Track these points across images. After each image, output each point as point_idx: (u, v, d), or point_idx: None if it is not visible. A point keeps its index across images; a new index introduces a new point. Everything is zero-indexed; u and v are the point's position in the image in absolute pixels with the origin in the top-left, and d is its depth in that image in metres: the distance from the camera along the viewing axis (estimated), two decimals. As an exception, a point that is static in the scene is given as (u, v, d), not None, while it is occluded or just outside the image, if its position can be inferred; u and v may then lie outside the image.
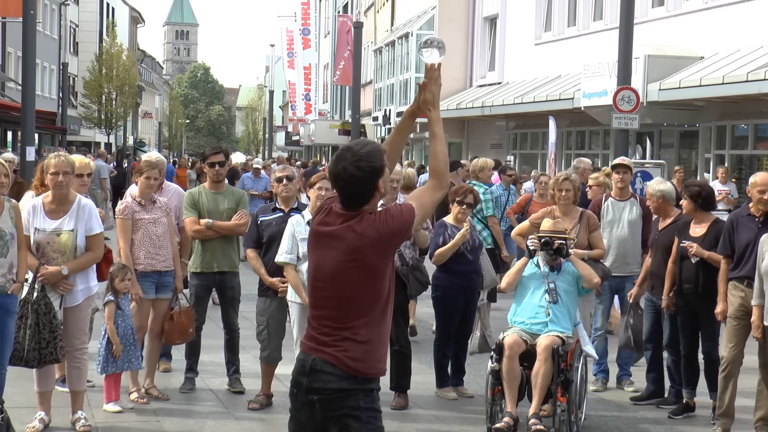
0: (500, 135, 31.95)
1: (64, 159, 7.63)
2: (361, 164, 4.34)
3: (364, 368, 4.35)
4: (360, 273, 4.31)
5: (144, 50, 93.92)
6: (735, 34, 19.68)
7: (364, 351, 4.35)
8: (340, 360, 4.32)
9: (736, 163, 20.13)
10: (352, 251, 4.29)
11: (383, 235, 4.28)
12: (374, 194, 4.37)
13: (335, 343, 4.34)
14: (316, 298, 4.48)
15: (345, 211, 4.38)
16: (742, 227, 7.98)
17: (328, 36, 58.13)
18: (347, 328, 4.34)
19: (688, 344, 8.68)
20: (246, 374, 9.23)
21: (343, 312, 4.35)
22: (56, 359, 7.44)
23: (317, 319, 4.43)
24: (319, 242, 4.42)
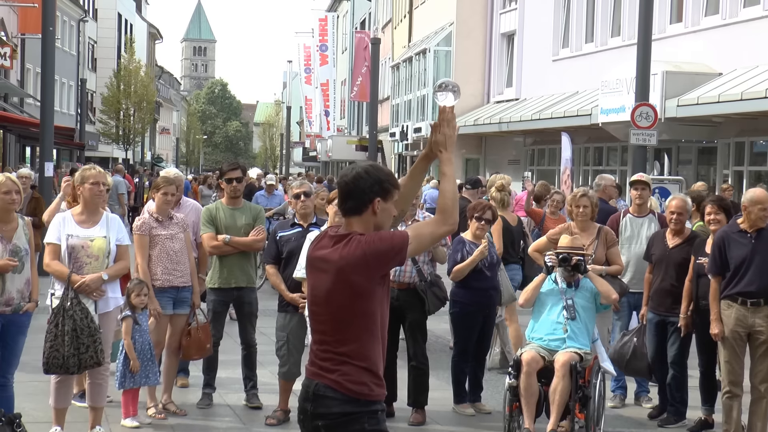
0: (518, 151, 31.93)
1: (101, 171, 7.80)
2: (369, 170, 4.44)
3: (366, 391, 4.37)
4: (348, 294, 4.33)
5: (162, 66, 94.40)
6: (753, 50, 19.63)
7: (363, 374, 4.37)
8: (342, 384, 4.34)
9: (755, 179, 20.03)
10: (339, 272, 4.32)
11: (369, 255, 4.29)
12: (368, 207, 4.38)
13: (335, 368, 4.36)
14: (314, 322, 4.51)
15: (338, 233, 4.42)
16: (734, 244, 7.89)
17: (346, 52, 58.30)
18: (344, 353, 4.36)
19: (705, 361, 8.64)
20: (264, 390, 9.23)
21: (339, 336, 4.38)
22: (98, 362, 7.46)
23: (317, 344, 4.47)
24: (314, 266, 4.47)
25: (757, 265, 7.76)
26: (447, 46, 34.56)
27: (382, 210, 4.41)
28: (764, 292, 7.72)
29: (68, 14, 51.99)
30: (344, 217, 4.48)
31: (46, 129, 19.51)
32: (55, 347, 7.33)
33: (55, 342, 7.33)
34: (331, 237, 4.44)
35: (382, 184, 4.40)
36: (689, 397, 8.92)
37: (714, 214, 8.47)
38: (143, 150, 70.41)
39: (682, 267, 8.67)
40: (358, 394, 4.35)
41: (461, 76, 33.52)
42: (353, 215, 4.43)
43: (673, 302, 8.71)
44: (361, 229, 4.40)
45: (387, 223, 4.46)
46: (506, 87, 32.97)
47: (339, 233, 4.43)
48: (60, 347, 7.32)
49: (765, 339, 7.75)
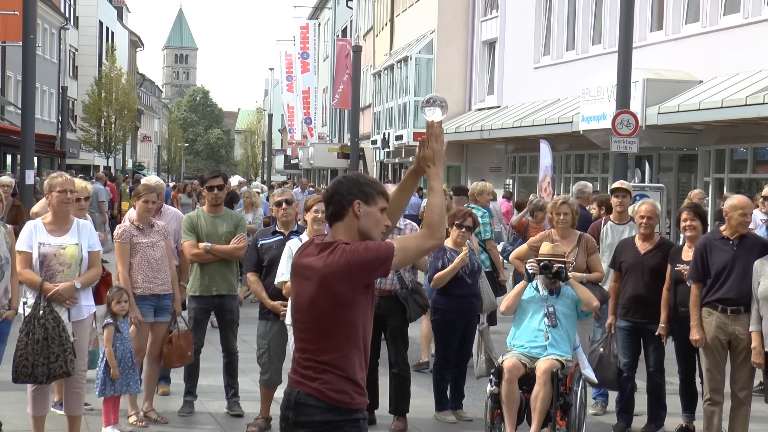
0: (499, 158, 32.00)
1: (69, 178, 7.73)
2: (349, 175, 4.52)
3: (348, 399, 4.37)
4: (331, 303, 4.33)
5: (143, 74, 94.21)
6: (734, 58, 19.74)
7: (345, 383, 4.37)
8: (323, 393, 4.34)
9: (736, 186, 20.13)
10: (323, 280, 4.32)
11: (352, 264, 4.28)
12: (348, 210, 4.40)
13: (317, 376, 4.36)
14: (297, 330, 4.51)
15: (324, 241, 4.42)
16: (717, 251, 7.90)
17: (327, 60, 58.32)
18: (326, 361, 4.36)
19: (684, 368, 8.66)
20: (245, 397, 9.20)
21: (321, 344, 4.37)
22: (67, 372, 7.41)
23: (299, 352, 4.47)
24: (298, 273, 4.46)
25: (738, 272, 7.78)
26: (428, 53, 34.62)
27: (365, 214, 4.40)
28: (744, 299, 7.75)
29: (49, 22, 51.81)
30: (329, 224, 4.50)
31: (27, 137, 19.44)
32: (24, 356, 7.28)
33: (25, 350, 7.28)
34: (317, 245, 4.43)
35: (362, 188, 4.42)
36: (668, 404, 8.95)
37: (690, 220, 8.50)
38: (125, 158, 70.20)
39: (655, 273, 8.66)
40: (339, 403, 4.34)
41: (443, 84, 33.59)
42: (336, 221, 4.44)
43: (648, 309, 8.69)
44: (345, 236, 4.40)
45: (374, 229, 4.43)
46: (488, 94, 33.05)
47: (325, 241, 4.42)
48: (29, 356, 7.27)
49: (745, 346, 7.77)
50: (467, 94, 34.07)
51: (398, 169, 42.11)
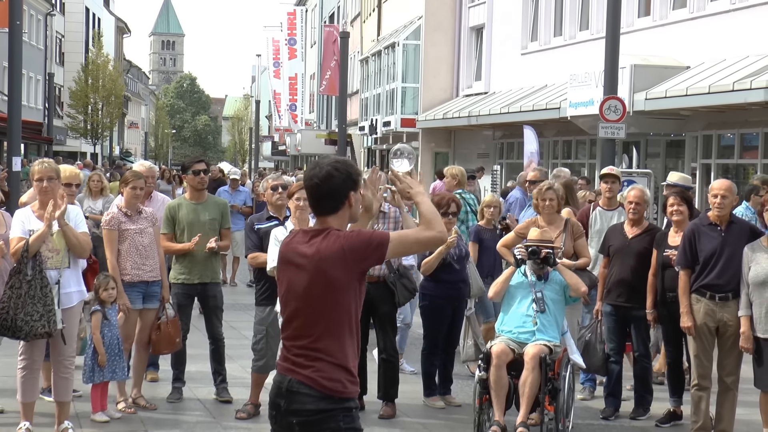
0: (487, 145, 31.99)
1: (48, 165, 7.69)
2: (338, 166, 4.43)
3: (341, 388, 4.34)
4: (325, 289, 4.32)
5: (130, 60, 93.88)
6: (721, 43, 19.76)
7: (338, 371, 4.34)
8: (316, 381, 4.32)
9: (723, 172, 20.18)
10: (317, 266, 4.31)
11: (346, 249, 4.28)
12: (344, 203, 4.41)
13: (309, 364, 4.34)
14: (288, 318, 4.47)
15: (313, 228, 4.43)
16: (705, 237, 7.93)
17: (315, 46, 58.18)
18: (320, 348, 4.34)
19: (672, 353, 8.70)
20: (234, 384, 9.21)
21: (314, 331, 4.35)
22: (48, 333, 7.36)
23: (290, 340, 4.44)
24: (289, 261, 4.43)
25: (726, 259, 7.81)
26: (416, 39, 34.56)
27: (356, 201, 4.45)
28: (732, 285, 7.78)
29: (35, 8, 51.56)
30: (319, 216, 4.46)
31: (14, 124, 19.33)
32: (5, 309, 7.26)
33: (7, 304, 7.25)
34: (306, 232, 4.44)
35: (352, 177, 4.41)
36: (655, 389, 8.99)
37: (677, 205, 8.53)
38: (112, 144, 69.98)
39: (642, 257, 8.70)
40: (332, 391, 4.32)
41: (430, 70, 33.55)
42: (330, 214, 4.43)
43: (634, 293, 8.73)
44: (337, 225, 4.40)
45: (358, 212, 4.48)
46: (475, 80, 33.01)
47: (315, 228, 4.43)
48: (10, 309, 7.24)
49: (733, 332, 7.81)
50: (455, 80, 34.03)
51: (386, 155, 42.10)
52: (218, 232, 9.09)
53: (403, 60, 34.81)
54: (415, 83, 34.55)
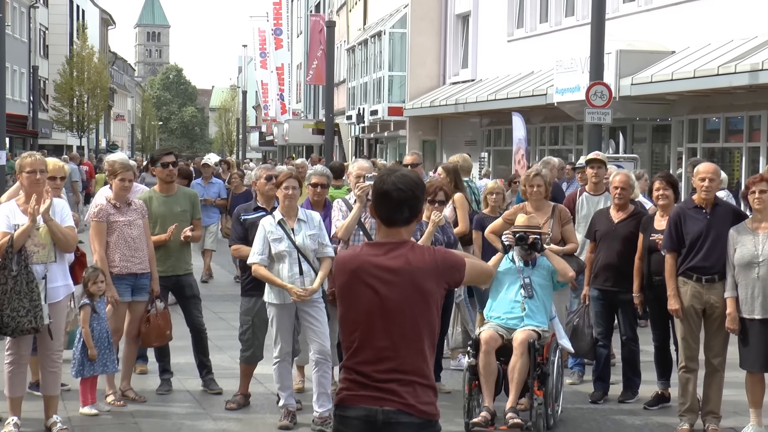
0: (474, 132, 32.00)
1: (39, 158, 7.66)
2: (417, 176, 4.26)
3: (434, 410, 4.06)
4: (420, 303, 4.06)
5: (115, 52, 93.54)
6: (705, 28, 19.80)
7: (429, 392, 4.08)
8: (415, 407, 3.99)
9: (709, 156, 20.24)
10: (410, 278, 4.05)
11: (439, 263, 4.08)
12: (417, 216, 4.21)
13: (404, 389, 4.00)
14: (365, 339, 4.08)
15: (387, 241, 4.16)
16: (690, 220, 7.94)
17: (301, 36, 58.04)
18: (410, 370, 4.03)
19: (660, 336, 8.74)
20: (223, 374, 9.22)
21: (404, 351, 4.04)
22: (36, 329, 7.32)
23: (370, 364, 4.05)
24: (370, 275, 4.09)
25: (712, 241, 7.83)
26: (402, 28, 34.52)
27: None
28: (718, 267, 7.81)
29: (18, 0, 51.30)
30: (391, 226, 4.18)
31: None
32: None
33: None
34: (379, 245, 4.16)
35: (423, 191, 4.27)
36: (643, 372, 9.04)
37: (663, 189, 8.56)
38: (98, 137, 69.77)
39: (628, 241, 8.74)
40: (430, 415, 4.05)
41: (417, 58, 33.52)
42: (404, 225, 4.18)
43: (621, 277, 8.76)
44: (408, 237, 4.20)
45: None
46: (462, 68, 33.01)
47: (391, 241, 4.15)
48: None
49: (719, 314, 7.84)
50: (441, 68, 34.01)
51: (374, 144, 42.08)
52: (190, 223, 9.10)
53: (389, 48, 34.78)
54: (401, 72, 34.53)
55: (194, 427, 8.04)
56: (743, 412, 8.12)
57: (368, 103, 37.07)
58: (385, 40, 34.79)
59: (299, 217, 8.00)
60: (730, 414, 8.28)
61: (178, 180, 10.87)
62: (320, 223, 8.11)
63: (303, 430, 7.88)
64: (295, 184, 8.02)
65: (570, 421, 8.30)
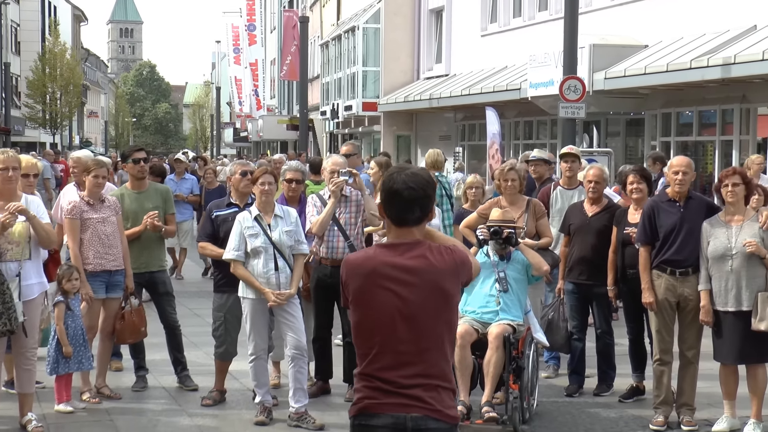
0: (448, 127, 32.03)
1: (12, 155, 7.60)
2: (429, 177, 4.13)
3: (456, 414, 3.98)
4: (441, 304, 3.94)
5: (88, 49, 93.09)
6: (678, 22, 19.89)
7: (452, 395, 3.97)
8: (443, 412, 3.88)
9: (682, 149, 20.34)
10: (432, 278, 3.92)
11: (458, 262, 3.97)
12: (428, 216, 4.07)
13: (430, 394, 3.88)
14: (386, 344, 3.93)
15: (400, 242, 4.01)
16: (664, 213, 7.98)
17: (274, 31, 57.91)
18: (434, 374, 3.91)
19: (634, 328, 8.78)
20: (199, 371, 9.19)
21: (427, 355, 3.92)
22: (11, 330, 7.28)
23: (393, 369, 3.90)
24: (390, 278, 3.93)
25: (685, 234, 7.87)
26: (376, 23, 34.50)
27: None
28: (692, 260, 7.85)
29: (-11, -3, 50.92)
30: (403, 226, 4.03)
31: (-30, 114, 19.15)
32: None
33: None
34: (393, 246, 4.01)
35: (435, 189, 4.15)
36: (618, 365, 9.08)
37: (636, 183, 8.60)
38: (71, 134, 69.37)
39: (602, 235, 8.78)
40: (454, 419, 3.94)
41: (390, 53, 33.50)
42: (416, 225, 4.03)
43: (595, 271, 8.80)
44: (421, 238, 4.05)
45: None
46: (435, 63, 33.02)
47: (404, 242, 4.00)
48: None
49: (693, 307, 7.89)
50: (415, 63, 34.02)
51: (348, 139, 42.00)
52: (163, 219, 9.07)
53: (363, 44, 34.75)
54: (375, 67, 34.51)
55: (170, 424, 8.02)
56: (717, 404, 8.17)
57: (342, 99, 37.03)
58: (359, 36, 34.76)
59: (276, 213, 7.99)
60: (704, 406, 8.33)
61: (152, 177, 10.88)
62: (297, 220, 8.11)
63: (279, 426, 7.87)
64: (271, 179, 8.00)
65: (545, 415, 8.32)
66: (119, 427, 7.89)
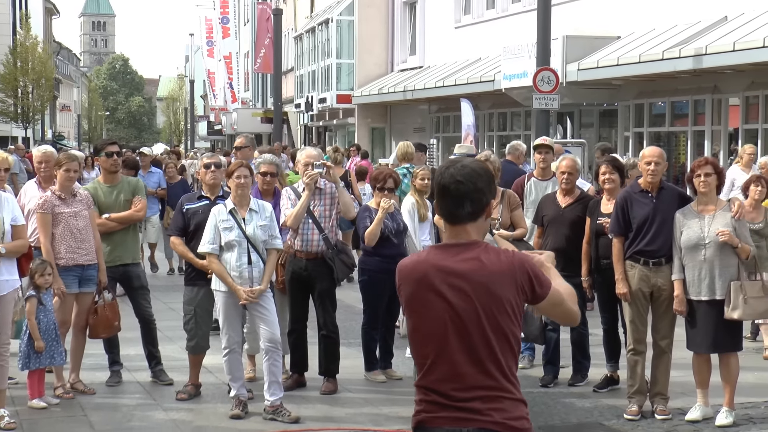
0: (423, 119, 32.05)
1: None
2: (482, 165, 3.87)
3: (527, 425, 3.70)
4: (497, 312, 3.66)
5: (60, 42, 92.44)
6: (650, 13, 19.98)
7: (521, 405, 3.70)
8: (504, 424, 3.63)
9: (655, 140, 20.44)
10: (481, 281, 3.66)
11: (517, 267, 3.69)
12: (484, 211, 3.78)
13: (488, 405, 3.63)
14: (440, 354, 3.71)
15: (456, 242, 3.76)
16: (637, 204, 8.00)
17: (248, 24, 57.67)
18: (494, 386, 3.65)
19: (608, 319, 8.81)
20: (174, 365, 9.16)
21: (485, 366, 3.66)
22: None
23: (452, 381, 3.67)
24: (441, 282, 3.69)
25: (658, 224, 7.90)
26: (349, 15, 34.45)
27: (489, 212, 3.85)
28: (665, 251, 7.89)
29: (-41, -10, 50.47)
30: (455, 224, 3.77)
31: (-60, 109, 19.00)
32: None
33: None
34: (447, 247, 3.76)
35: (493, 183, 3.83)
36: (592, 355, 9.12)
37: (609, 173, 8.63)
38: (44, 128, 68.90)
39: (575, 226, 8.79)
40: (520, 430, 3.67)
41: (364, 45, 33.48)
42: (469, 221, 3.75)
43: (569, 262, 8.80)
44: (477, 237, 3.76)
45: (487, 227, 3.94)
46: (410, 55, 33.02)
47: (457, 242, 3.75)
48: None
49: (666, 297, 7.92)
50: (389, 55, 34.01)
51: (322, 132, 41.98)
52: None
53: (337, 36, 34.70)
54: (349, 59, 34.47)
55: (145, 418, 7.99)
56: (690, 392, 8.21)
57: (317, 91, 36.97)
58: (333, 28, 34.71)
59: (251, 207, 7.97)
60: (678, 395, 8.38)
61: (126, 171, 10.82)
62: (272, 214, 8.09)
63: (254, 420, 7.86)
64: (246, 173, 7.99)
65: (521, 405, 8.33)
66: (93, 423, 7.85)
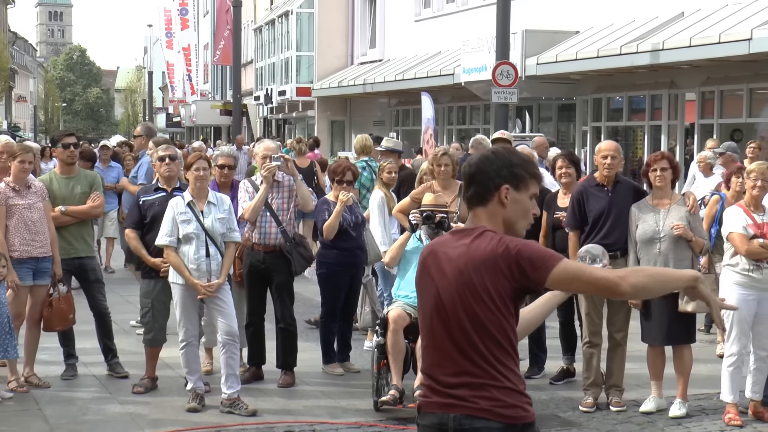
0: (383, 112, 32.07)
1: None
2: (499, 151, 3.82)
3: (521, 413, 3.60)
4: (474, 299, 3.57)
5: (15, 32, 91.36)
6: (609, 8, 20.11)
7: (513, 394, 3.60)
8: (492, 411, 3.55)
9: (613, 134, 20.59)
10: (463, 271, 3.58)
11: (500, 253, 3.54)
12: (494, 195, 3.68)
13: (475, 393, 3.56)
14: (430, 337, 3.69)
15: (465, 227, 3.74)
16: (592, 198, 8.05)
17: (207, 15, 57.39)
18: (481, 374, 3.57)
19: (564, 312, 8.87)
20: (130, 359, 9.10)
21: (469, 353, 3.59)
22: None
23: (442, 366, 3.63)
24: (431, 265, 3.69)
25: (614, 218, 7.96)
26: (309, 7, 34.37)
27: (514, 201, 3.69)
28: (621, 244, 7.95)
29: None
30: (469, 207, 3.78)
31: None
32: None
33: None
34: (457, 233, 3.72)
35: (513, 169, 3.69)
36: (549, 348, 9.17)
37: (565, 167, 8.68)
38: (-1, 119, 68.17)
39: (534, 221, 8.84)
40: (515, 419, 3.57)
41: (324, 38, 33.42)
42: (477, 205, 3.72)
43: None
44: (490, 225, 3.67)
45: (521, 219, 3.73)
46: (369, 48, 33.01)
47: (466, 227, 3.72)
48: None
49: (622, 290, 7.97)
50: (349, 48, 33.98)
51: (282, 124, 41.88)
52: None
53: (297, 28, 34.62)
54: (309, 52, 34.39)
55: (100, 411, 7.93)
56: (645, 384, 8.29)
57: (276, 84, 36.86)
58: (293, 20, 34.61)
59: (209, 200, 7.93)
60: (633, 387, 8.45)
61: (82, 163, 10.72)
62: (230, 207, 8.06)
63: (211, 413, 7.82)
64: (205, 165, 7.95)
65: (478, 398, 8.36)
66: (48, 416, 7.78)
